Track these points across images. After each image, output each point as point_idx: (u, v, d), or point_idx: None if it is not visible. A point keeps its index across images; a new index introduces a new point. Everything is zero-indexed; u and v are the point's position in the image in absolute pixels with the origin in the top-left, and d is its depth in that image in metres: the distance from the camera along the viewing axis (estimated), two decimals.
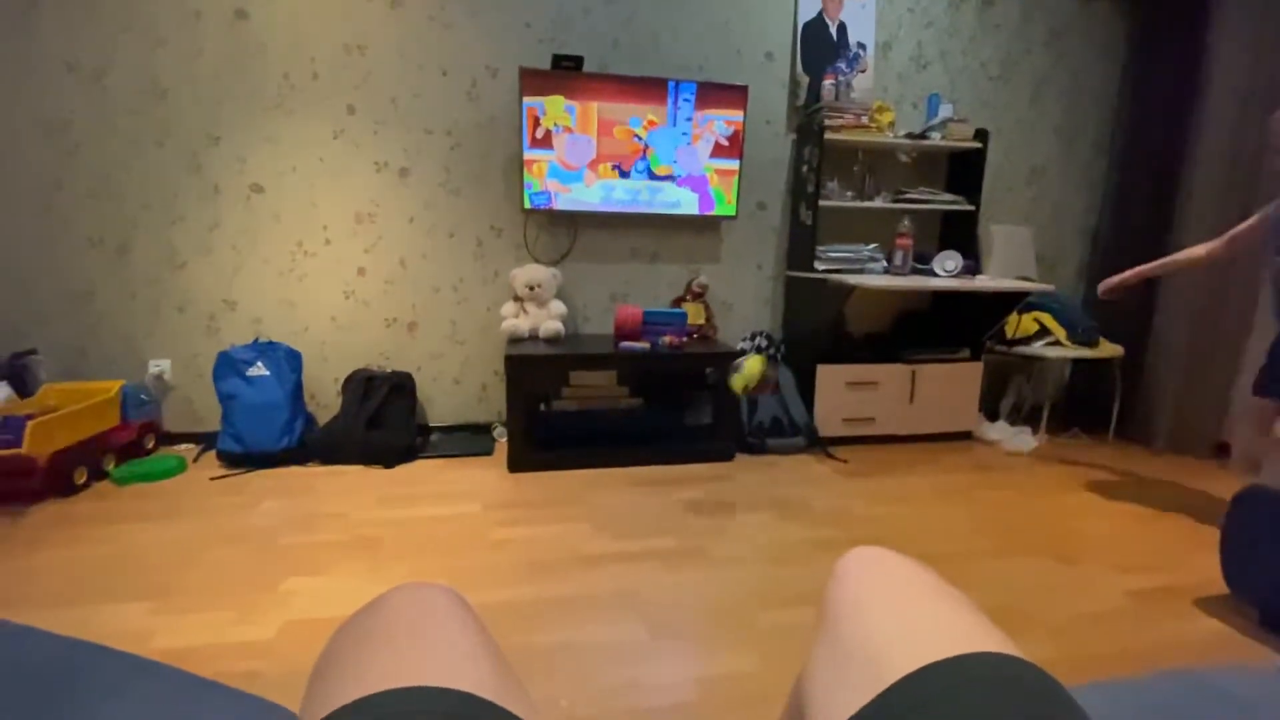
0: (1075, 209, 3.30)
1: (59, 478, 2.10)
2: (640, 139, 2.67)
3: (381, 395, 2.59)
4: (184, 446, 2.60)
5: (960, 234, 2.98)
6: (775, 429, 2.72)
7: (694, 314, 2.78)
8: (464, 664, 0.39)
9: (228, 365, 2.46)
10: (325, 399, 2.74)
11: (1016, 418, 3.13)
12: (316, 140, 2.57)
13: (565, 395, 2.75)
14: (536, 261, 2.77)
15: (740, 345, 2.94)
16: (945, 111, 2.83)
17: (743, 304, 3.05)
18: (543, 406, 2.73)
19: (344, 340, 2.74)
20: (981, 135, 2.86)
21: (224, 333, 2.63)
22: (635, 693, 1.26)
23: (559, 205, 2.66)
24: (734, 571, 1.73)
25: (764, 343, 2.97)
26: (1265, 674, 0.68)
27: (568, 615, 1.51)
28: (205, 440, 2.59)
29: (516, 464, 2.45)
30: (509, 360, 2.43)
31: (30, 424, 1.98)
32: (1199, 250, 2.08)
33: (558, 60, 2.57)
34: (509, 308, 2.72)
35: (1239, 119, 2.64)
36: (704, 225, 2.93)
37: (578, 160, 2.64)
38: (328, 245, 2.66)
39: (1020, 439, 2.88)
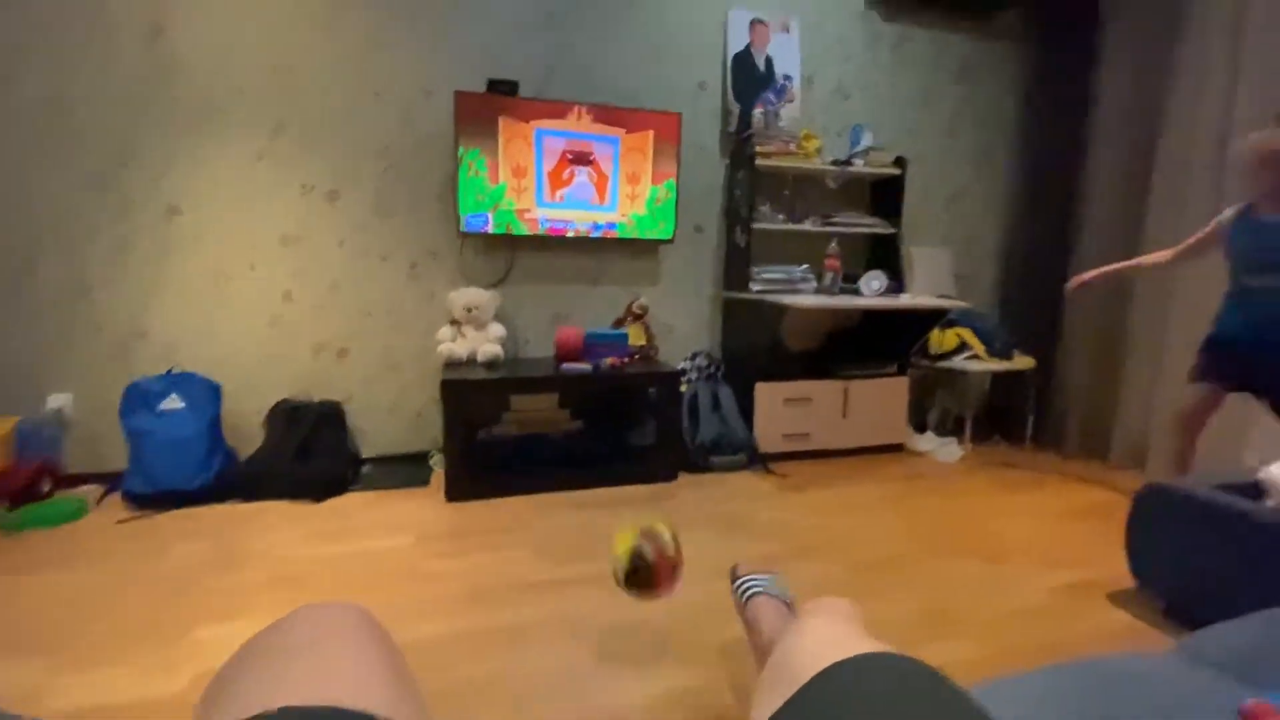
0: (989, 230, 3.53)
1: None
2: (576, 162, 2.70)
3: (309, 425, 2.48)
4: (87, 488, 2.39)
5: (884, 255, 3.13)
6: (717, 447, 2.75)
7: (635, 335, 2.80)
8: (365, 683, 0.38)
9: (138, 399, 2.29)
10: (248, 432, 2.59)
11: (943, 429, 3.28)
12: (240, 161, 2.47)
13: (505, 420, 2.71)
14: (473, 284, 2.74)
15: (681, 365, 2.97)
16: (867, 140, 2.99)
17: (683, 325, 3.09)
18: (482, 432, 2.68)
19: (268, 369, 2.61)
20: (901, 162, 3.03)
21: (134, 363, 2.46)
22: (579, 717, 1.23)
23: (495, 228, 2.65)
24: (679, 594, 1.72)
25: (704, 362, 3.02)
26: (1158, 659, 0.73)
27: (508, 644, 1.46)
28: (111, 480, 2.40)
29: (454, 493, 2.38)
30: (445, 386, 2.37)
31: None
32: (1164, 255, 2.21)
33: (493, 84, 2.57)
34: (445, 331, 2.66)
35: (1124, 137, 2.90)
36: (642, 248, 2.97)
37: (515, 182, 2.64)
38: (252, 270, 2.54)
39: (947, 449, 3.02)
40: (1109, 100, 2.97)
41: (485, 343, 2.65)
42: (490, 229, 2.65)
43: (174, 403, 2.32)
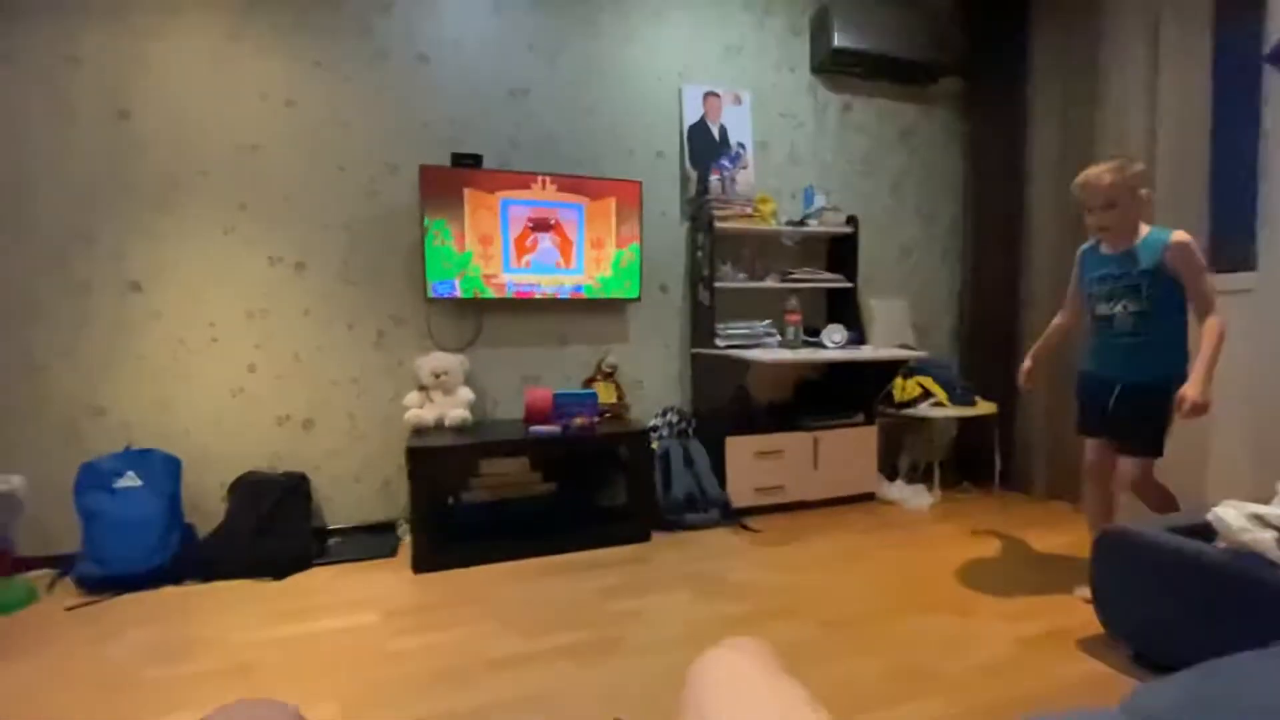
0: (942, 280, 3.67)
1: None
2: (541, 229, 2.77)
3: (273, 499, 2.42)
4: (37, 573, 2.28)
5: (843, 308, 3.23)
6: (690, 504, 2.74)
7: (605, 393, 2.82)
8: None
9: (92, 478, 2.23)
10: (210, 507, 2.51)
11: (914, 476, 3.31)
12: (204, 237, 2.49)
13: (475, 486, 2.67)
14: (441, 349, 2.75)
15: (653, 422, 2.99)
16: (820, 201, 3.13)
17: (652, 381, 3.13)
18: (451, 500, 2.64)
19: (231, 442, 2.56)
20: (852, 220, 3.17)
21: (88, 441, 2.39)
22: None
23: (463, 293, 2.69)
24: (650, 660, 1.69)
25: (675, 418, 3.04)
26: (1094, 717, 0.74)
27: None
28: (62, 564, 2.29)
29: (421, 564, 2.32)
30: (411, 453, 2.35)
31: None
32: (1059, 318, 2.19)
33: (457, 159, 2.66)
34: (413, 397, 2.66)
35: (1056, 180, 3.04)
36: (610, 307, 3.03)
37: (481, 249, 2.69)
38: (214, 342, 2.53)
39: (918, 497, 3.05)
40: (1040, 152, 3.16)
41: (454, 407, 2.65)
42: (458, 294, 2.68)
43: (130, 480, 2.25)
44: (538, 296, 2.80)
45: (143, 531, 2.21)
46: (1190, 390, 1.72)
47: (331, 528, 2.68)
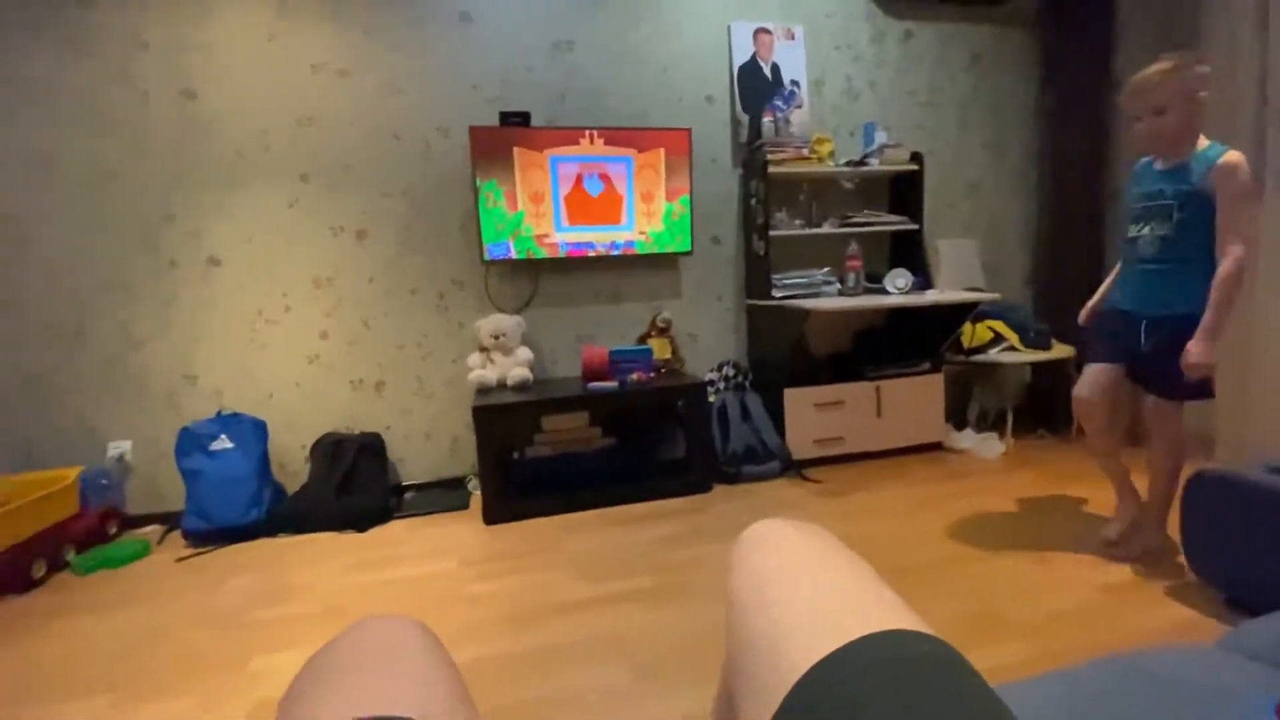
0: (1014, 218, 3.45)
1: (15, 574, 2.02)
2: (591, 185, 2.75)
3: (351, 458, 2.56)
4: (149, 529, 2.52)
5: (908, 252, 3.09)
6: (749, 456, 2.73)
7: (660, 349, 2.82)
8: (431, 696, 0.40)
9: (190, 441, 2.41)
10: (294, 466, 2.69)
11: (984, 424, 3.19)
12: (272, 210, 2.60)
13: (538, 441, 2.75)
14: (500, 310, 2.80)
15: (709, 376, 2.98)
16: (880, 138, 2.97)
17: (707, 336, 3.10)
18: (516, 455, 2.72)
19: (310, 405, 2.71)
20: (917, 158, 3.00)
21: (185, 408, 2.59)
22: None
23: (517, 254, 2.71)
24: (716, 605, 1.73)
25: (730, 372, 3.02)
26: (1195, 652, 0.70)
27: (548, 666, 1.48)
28: (170, 520, 2.52)
29: (491, 515, 2.43)
30: (477, 411, 2.43)
31: None
32: None
33: (505, 117, 2.65)
34: (475, 358, 2.73)
35: None
36: (663, 262, 3.00)
37: (533, 208, 2.70)
38: (288, 311, 2.66)
39: (988, 445, 2.94)
40: (1125, 72, 2.87)
41: (514, 367, 2.71)
42: (512, 255, 2.71)
43: (224, 443, 2.43)
44: (590, 255, 2.80)
45: (238, 489, 2.40)
46: (1191, 346, 1.58)
47: (406, 483, 2.82)
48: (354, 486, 2.52)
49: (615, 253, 2.83)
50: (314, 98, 2.59)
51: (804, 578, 0.47)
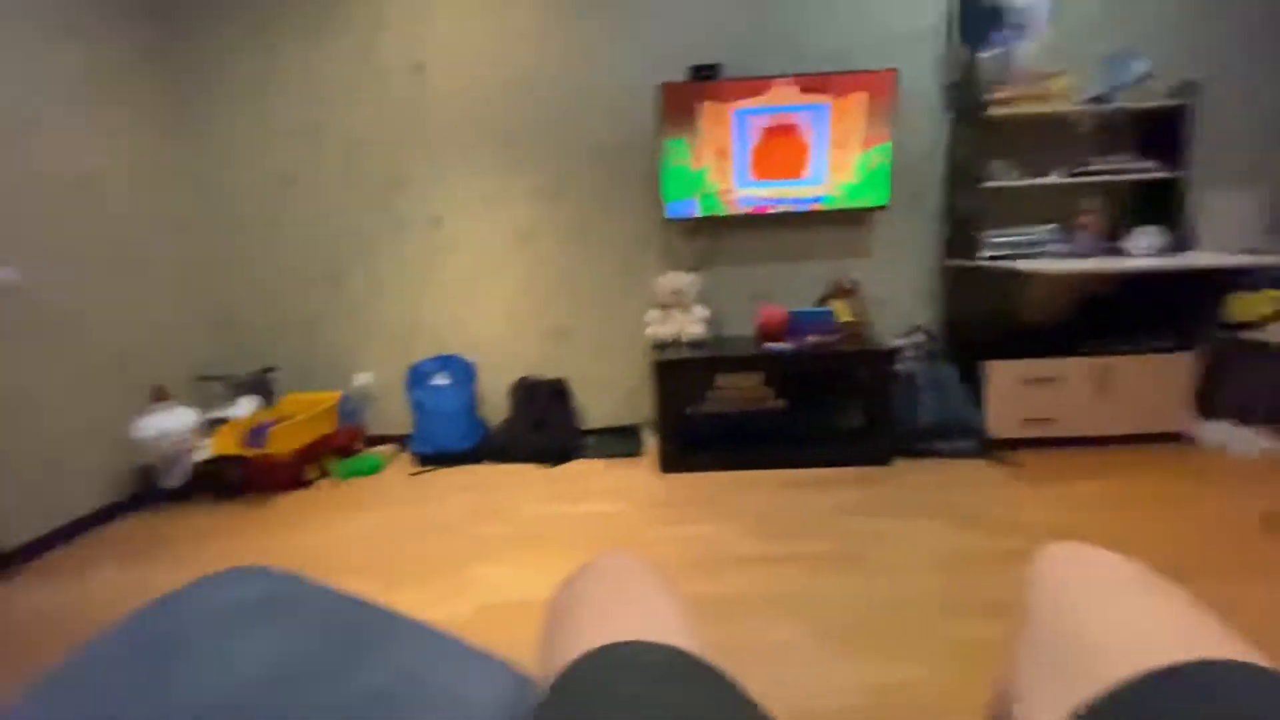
0: None
1: (295, 473, 2.53)
2: (779, 137, 2.64)
3: (543, 401, 2.81)
4: (384, 448, 3.01)
5: (1160, 205, 2.58)
6: (938, 431, 2.54)
7: (843, 311, 2.69)
8: (680, 623, 0.45)
9: (416, 376, 2.81)
10: (494, 404, 3.02)
11: (1250, 416, 2.63)
12: (482, 171, 2.86)
13: (710, 398, 2.79)
14: (679, 268, 2.85)
15: (897, 342, 2.78)
16: (1137, 68, 2.47)
17: (898, 299, 2.89)
18: (689, 409, 2.80)
19: (508, 351, 3.01)
20: (1188, 89, 2.46)
21: (412, 349, 3.01)
22: (798, 696, 1.26)
23: (699, 212, 2.72)
24: (898, 578, 1.66)
25: (922, 339, 2.79)
26: None
27: (728, 615, 1.54)
28: (400, 442, 2.98)
29: (667, 465, 2.54)
30: (656, 365, 2.52)
31: (271, 429, 2.42)
32: None
33: (695, 71, 2.62)
34: (653, 314, 2.82)
35: None
36: (852, 219, 2.83)
37: (717, 165, 2.67)
38: (494, 266, 2.94)
39: (1248, 441, 2.43)
40: None
41: (690, 324, 2.75)
42: (694, 213, 2.72)
43: (443, 379, 2.79)
44: (772, 212, 2.72)
45: (454, 420, 2.75)
46: None
47: (585, 428, 3.04)
48: (546, 426, 2.77)
49: (801, 209, 2.71)
50: (520, 63, 2.77)
51: (1121, 593, 0.46)
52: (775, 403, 2.73)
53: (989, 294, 2.60)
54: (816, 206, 2.70)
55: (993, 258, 2.56)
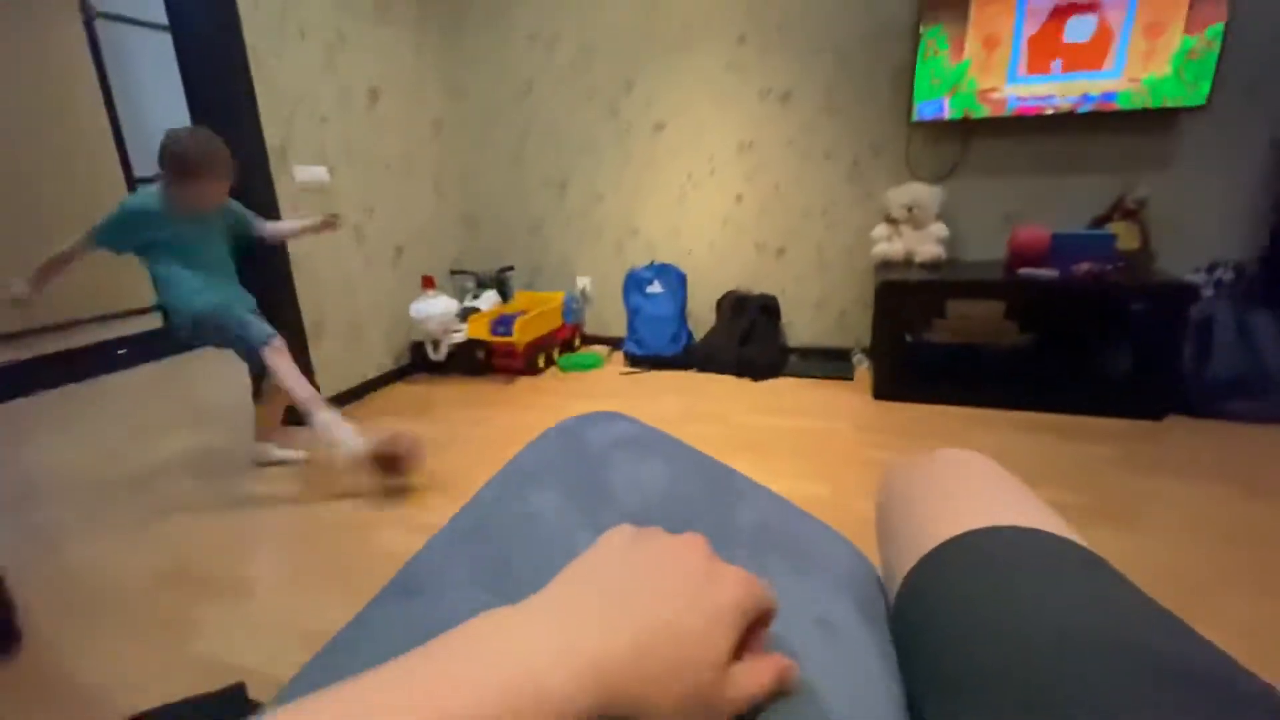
0: None
1: (530, 361, 2.84)
2: (1073, 16, 2.20)
3: (752, 315, 2.80)
4: (599, 347, 3.24)
5: None
6: (1238, 388, 2.10)
7: (1125, 236, 2.27)
8: (1052, 518, 0.43)
9: (633, 283, 2.94)
10: (701, 315, 3.08)
11: None
12: (710, 74, 2.78)
13: (937, 326, 2.57)
14: (917, 179, 2.58)
15: (1192, 277, 2.30)
16: None
17: (1200, 224, 2.35)
18: (908, 337, 2.61)
19: (719, 263, 3.01)
20: None
21: (627, 255, 3.14)
22: None
23: (951, 114, 2.40)
24: (1179, 543, 1.45)
25: (1229, 276, 2.27)
26: None
27: None
28: (613, 343, 3.19)
29: (882, 391, 2.42)
30: (882, 286, 2.35)
31: (518, 320, 2.70)
32: None
33: None
34: (881, 230, 2.61)
35: None
36: (1149, 122, 2.31)
37: (983, 56, 2.31)
38: (712, 175, 2.91)
39: None
40: None
41: (925, 243, 2.51)
42: (945, 115, 2.41)
43: (656, 288, 2.89)
44: (1049, 112, 2.31)
45: (664, 326, 2.86)
46: None
47: (792, 346, 2.99)
48: (752, 340, 2.77)
49: (1084, 108, 2.27)
50: None
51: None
52: (1019, 337, 2.44)
53: None
54: (1106, 105, 2.25)
55: None
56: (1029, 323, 2.41)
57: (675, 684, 0.26)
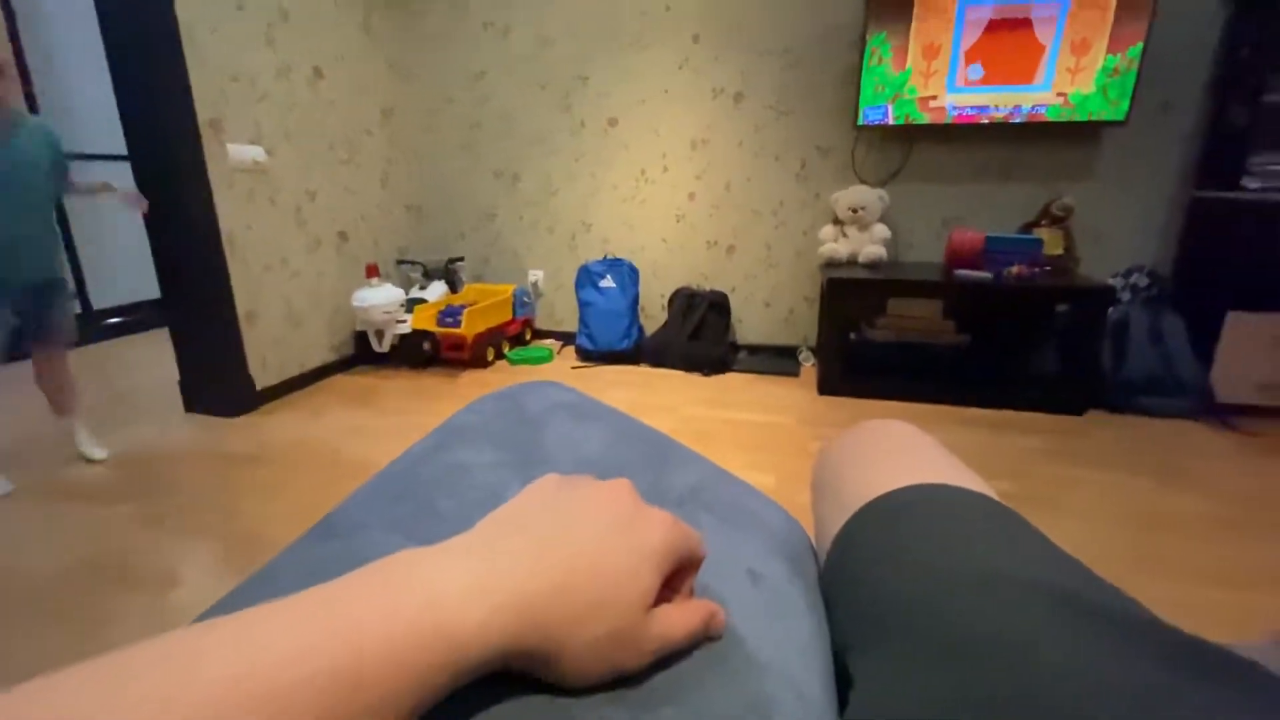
0: None
1: (479, 353, 2.79)
2: (1013, 31, 2.31)
3: (701, 311, 2.83)
4: (550, 341, 3.21)
5: None
6: (1151, 386, 2.25)
7: (1051, 242, 2.40)
8: (974, 478, 0.45)
9: (586, 277, 2.93)
10: (652, 311, 3.09)
11: None
12: (664, 72, 2.80)
13: (879, 324, 2.65)
14: (863, 182, 2.66)
15: (1111, 281, 2.45)
16: None
17: (1119, 233, 2.51)
18: (852, 334, 2.68)
19: (672, 260, 3.03)
20: None
21: (580, 250, 3.12)
22: None
23: (894, 120, 2.49)
24: (1094, 528, 1.53)
25: (1143, 281, 2.43)
26: None
27: None
28: (565, 338, 3.17)
29: (827, 387, 2.48)
30: (828, 283, 2.42)
31: (466, 311, 2.65)
32: None
33: None
34: (828, 231, 2.68)
35: None
36: (1075, 135, 2.45)
37: (923, 65, 2.41)
38: (665, 172, 2.92)
39: None
40: None
41: (869, 244, 2.59)
42: (889, 121, 2.50)
43: (609, 282, 2.89)
44: (984, 121, 2.42)
45: (616, 321, 2.86)
46: None
47: (741, 343, 3.03)
48: (702, 336, 2.80)
49: (1017, 119, 2.39)
50: None
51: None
52: (955, 336, 2.54)
53: (1246, 233, 2.18)
54: (1036, 116, 2.37)
55: (1260, 190, 2.13)
56: (965, 322, 2.52)
57: (596, 622, 0.25)
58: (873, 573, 0.37)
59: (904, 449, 0.54)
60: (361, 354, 2.85)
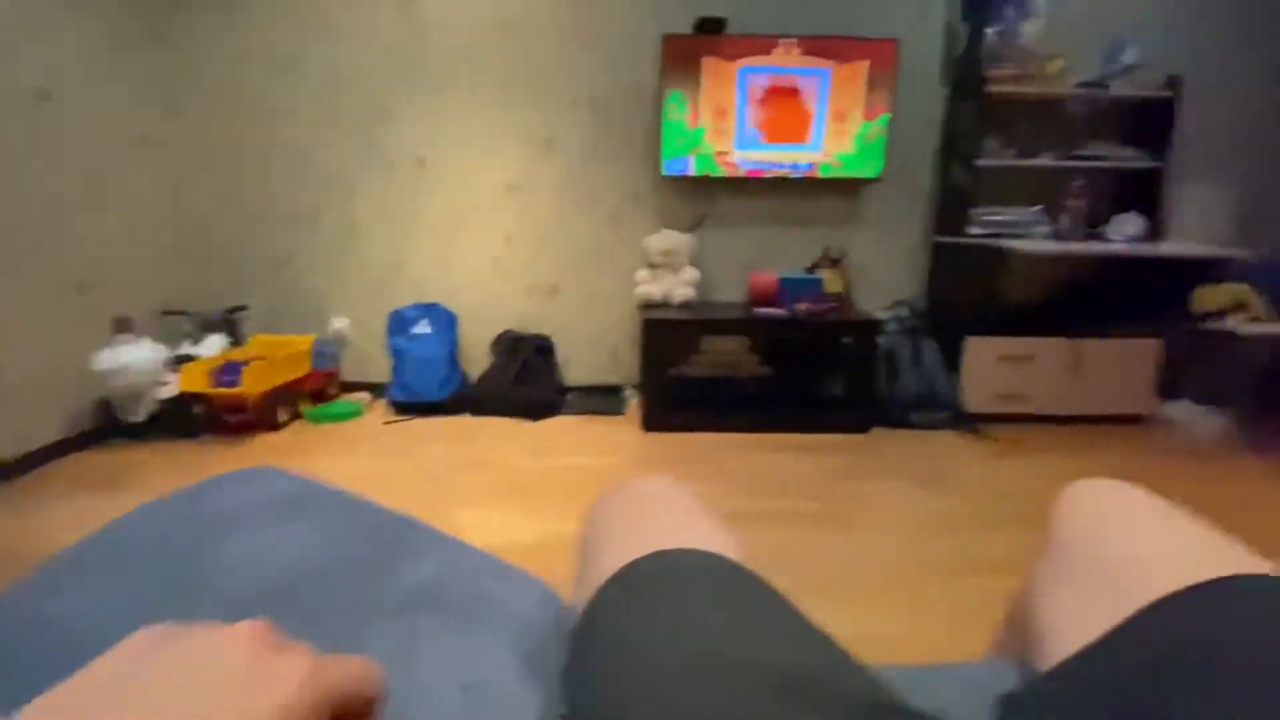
0: None
1: (267, 414, 2.45)
2: (780, 100, 2.61)
3: (526, 355, 2.77)
4: (360, 394, 2.92)
5: (1142, 195, 2.66)
6: (917, 403, 2.60)
7: (831, 281, 2.71)
8: (719, 535, 0.45)
9: (398, 323, 2.73)
10: (475, 356, 2.95)
11: (1205, 401, 2.77)
12: (474, 114, 2.75)
13: (695, 361, 2.79)
14: (671, 228, 2.81)
15: (880, 314, 2.82)
16: (1129, 56, 2.51)
17: (883, 271, 2.92)
18: (674, 371, 2.79)
19: (493, 303, 2.94)
20: (1174, 83, 2.52)
21: (391, 294, 2.91)
22: None
23: (695, 171, 2.68)
24: (882, 537, 1.71)
25: (905, 313, 2.84)
26: None
27: None
28: (376, 389, 2.91)
29: (650, 424, 2.54)
30: (646, 324, 2.50)
31: (245, 368, 2.32)
32: None
33: (701, 23, 2.56)
34: (643, 274, 2.79)
35: None
36: (844, 189, 2.83)
37: (715, 124, 2.63)
38: (480, 214, 2.85)
39: (1204, 423, 2.56)
40: None
41: (679, 286, 2.73)
42: (690, 172, 2.68)
43: (424, 328, 2.72)
44: (768, 176, 2.70)
45: (434, 368, 2.69)
46: None
47: (568, 385, 3.01)
48: (528, 380, 2.73)
49: (796, 175, 2.70)
50: (516, 3, 2.65)
51: (1150, 521, 0.47)
52: (759, 369, 2.75)
53: (974, 272, 2.65)
54: (811, 173, 2.70)
55: (980, 235, 2.61)
56: (767, 356, 2.75)
57: None
58: (600, 660, 0.35)
59: (658, 510, 0.54)
60: (115, 426, 2.36)
